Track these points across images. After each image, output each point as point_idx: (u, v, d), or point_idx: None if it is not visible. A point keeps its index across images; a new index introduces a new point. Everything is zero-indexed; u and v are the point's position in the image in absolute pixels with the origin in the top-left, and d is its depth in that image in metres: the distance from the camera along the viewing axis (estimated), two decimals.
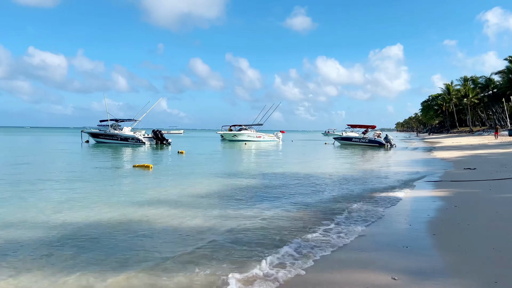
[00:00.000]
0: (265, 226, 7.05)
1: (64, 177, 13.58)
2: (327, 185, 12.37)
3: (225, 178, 14.05)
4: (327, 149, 37.74)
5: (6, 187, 11.28)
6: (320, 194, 10.64)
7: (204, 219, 7.59)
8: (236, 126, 51.99)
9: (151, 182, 12.77)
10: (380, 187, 11.94)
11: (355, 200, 9.70)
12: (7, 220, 7.35)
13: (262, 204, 9.15)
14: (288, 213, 8.23)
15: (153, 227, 6.96)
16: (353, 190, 11.44)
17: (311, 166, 19.20)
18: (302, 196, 10.30)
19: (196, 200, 9.56)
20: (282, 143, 48.79)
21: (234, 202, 9.45)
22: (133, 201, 9.38)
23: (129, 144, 38.93)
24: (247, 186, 12.01)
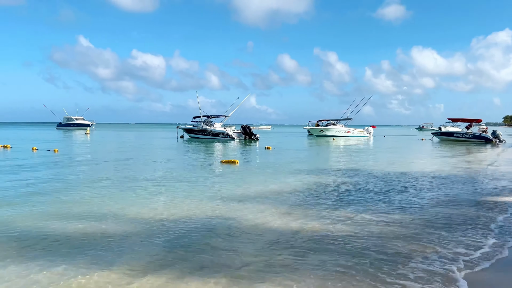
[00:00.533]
0: (379, 233, 6.45)
1: (157, 174, 14.28)
2: (431, 186, 11.21)
3: (312, 175, 13.55)
4: (425, 145, 34.93)
5: (108, 184, 12.17)
6: (423, 196, 9.64)
7: (290, 220, 7.23)
8: (324, 121, 50.80)
9: (237, 179, 12.77)
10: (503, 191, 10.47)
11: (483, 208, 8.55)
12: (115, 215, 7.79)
13: (356, 206, 8.52)
14: (390, 217, 7.50)
15: (236, 227, 6.79)
16: (468, 194, 10.16)
17: (407, 165, 17.77)
18: (402, 198, 9.41)
19: (281, 198, 9.24)
20: (373, 139, 46.46)
21: (324, 202, 8.94)
22: (220, 197, 9.37)
23: (220, 139, 40.29)
24: (336, 185, 11.39)
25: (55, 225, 6.65)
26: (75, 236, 6.06)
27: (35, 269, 4.68)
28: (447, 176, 13.46)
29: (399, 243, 5.79)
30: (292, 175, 13.23)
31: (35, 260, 4.99)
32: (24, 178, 12.03)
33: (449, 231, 6.49)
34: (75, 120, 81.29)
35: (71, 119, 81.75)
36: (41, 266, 4.78)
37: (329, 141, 39.95)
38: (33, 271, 4.63)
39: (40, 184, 10.96)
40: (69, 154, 21.89)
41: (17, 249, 5.40)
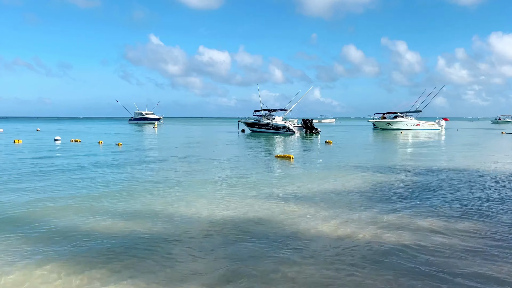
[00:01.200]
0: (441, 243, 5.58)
1: (209, 171, 14.13)
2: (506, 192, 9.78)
3: (371, 174, 12.51)
4: (506, 139, 31.57)
5: (164, 178, 12.21)
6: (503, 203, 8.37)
7: (340, 224, 6.52)
8: (390, 114, 48.13)
9: (288, 176, 12.13)
10: None
11: None
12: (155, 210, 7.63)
13: (420, 209, 7.55)
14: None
15: (276, 228, 6.24)
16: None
17: (484, 163, 15.93)
18: (476, 203, 8.24)
19: (332, 199, 8.49)
20: (445, 132, 43.10)
21: (384, 204, 8.05)
22: (266, 195, 8.86)
23: (280, 133, 39.85)
24: (398, 186, 10.33)
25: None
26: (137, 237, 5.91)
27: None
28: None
29: (472, 261, 4.88)
30: (350, 173, 12.31)
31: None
32: (85, 174, 12.49)
33: None
34: (145, 114, 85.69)
35: (141, 113, 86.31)
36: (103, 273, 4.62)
37: (396, 135, 37.72)
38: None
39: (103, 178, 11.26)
40: (132, 148, 22.73)
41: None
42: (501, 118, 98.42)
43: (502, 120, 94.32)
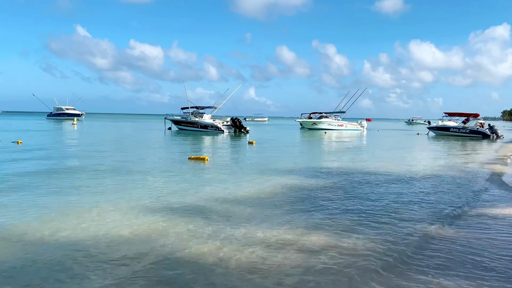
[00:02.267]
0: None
1: (109, 171, 12.80)
2: (418, 193, 9.78)
3: (286, 176, 12.07)
4: (420, 140, 33.52)
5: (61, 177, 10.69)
6: (405, 209, 8.20)
7: (219, 241, 5.78)
8: (316, 114, 49.28)
9: (195, 180, 11.28)
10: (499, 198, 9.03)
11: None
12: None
13: (337, 219, 7.07)
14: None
15: (130, 249, 5.34)
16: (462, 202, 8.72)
17: (401, 163, 16.34)
18: (388, 212, 7.98)
19: (227, 209, 7.71)
20: (367, 133, 45.02)
21: (298, 214, 7.47)
22: (152, 206, 7.89)
23: (209, 131, 38.82)
24: (318, 189, 9.93)
25: None
26: None
27: None
28: (443, 179, 12.05)
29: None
30: (267, 175, 11.72)
31: None
32: None
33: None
34: (65, 110, 79.62)
35: (61, 109, 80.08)
36: None
37: (321, 135, 38.52)
38: None
39: None
40: (33, 147, 20.33)
41: None
42: (414, 119, 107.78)
43: (414, 122, 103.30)
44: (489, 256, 5.08)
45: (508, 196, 9.11)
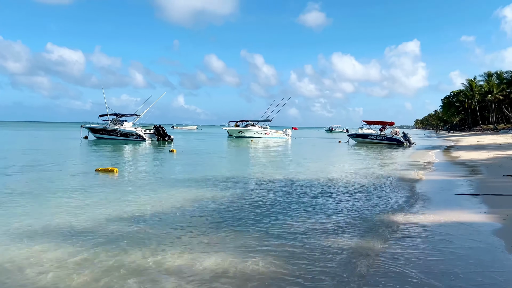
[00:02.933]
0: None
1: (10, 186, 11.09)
2: (324, 203, 9.54)
3: (206, 187, 11.34)
4: (341, 147, 34.72)
5: None
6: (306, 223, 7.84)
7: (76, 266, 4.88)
8: (243, 122, 49.23)
9: (96, 195, 10.10)
10: (399, 206, 9.05)
11: (358, 233, 6.84)
12: None
13: (248, 233, 6.41)
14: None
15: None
16: (357, 213, 8.56)
17: (318, 170, 16.37)
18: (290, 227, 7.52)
19: (132, 229, 6.83)
20: (292, 141, 45.87)
21: (202, 231, 6.71)
22: (39, 228, 6.72)
23: (130, 140, 36.73)
24: (234, 201, 9.27)
25: None
26: None
27: None
28: (351, 185, 12.08)
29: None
30: (173, 189, 10.84)
31: None
32: None
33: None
34: None
35: None
36: None
37: (247, 143, 38.34)
38: None
39: None
40: None
41: None
42: (333, 128, 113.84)
43: (334, 130, 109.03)
44: (417, 268, 4.78)
45: (420, 204, 9.24)
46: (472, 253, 5.29)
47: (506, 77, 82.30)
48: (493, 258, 5.08)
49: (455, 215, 7.61)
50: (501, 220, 7.06)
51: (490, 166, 16.38)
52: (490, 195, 9.70)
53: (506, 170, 14.44)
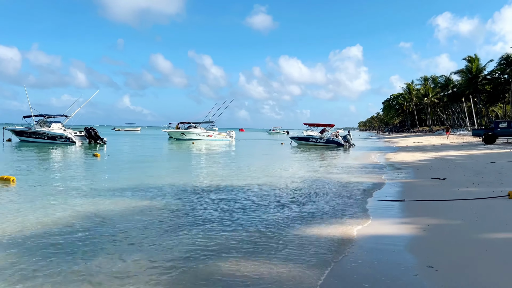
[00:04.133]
0: None
1: None
2: (244, 216, 8.51)
3: (113, 197, 9.90)
4: (283, 150, 34.17)
5: None
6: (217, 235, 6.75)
7: None
8: (185, 124, 47.51)
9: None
10: (321, 216, 8.20)
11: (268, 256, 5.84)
12: None
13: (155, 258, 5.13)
14: None
15: None
16: (278, 226, 7.59)
17: (264, 175, 15.38)
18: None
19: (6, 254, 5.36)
20: (236, 143, 44.88)
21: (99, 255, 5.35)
22: None
23: (58, 143, 33.90)
24: (139, 214, 7.94)
25: None
26: None
27: None
28: (278, 193, 11.18)
29: None
30: (75, 201, 9.33)
31: None
32: None
33: None
34: None
35: None
36: None
37: (188, 145, 36.78)
38: None
39: None
40: None
41: None
42: (274, 129, 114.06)
43: (275, 132, 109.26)
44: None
45: (333, 213, 8.48)
46: (378, 281, 4.44)
47: (440, 81, 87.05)
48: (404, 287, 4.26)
49: (370, 227, 6.86)
50: (420, 232, 6.38)
51: (421, 168, 16.30)
52: (415, 201, 9.18)
53: (435, 172, 14.30)
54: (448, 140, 42.93)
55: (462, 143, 35.55)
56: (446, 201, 8.84)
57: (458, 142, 37.92)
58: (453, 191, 10.13)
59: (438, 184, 11.49)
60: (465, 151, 24.23)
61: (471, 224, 6.64)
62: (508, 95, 62.30)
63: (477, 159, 18.68)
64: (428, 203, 8.86)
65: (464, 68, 69.76)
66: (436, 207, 8.41)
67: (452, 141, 39.54)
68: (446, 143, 37.47)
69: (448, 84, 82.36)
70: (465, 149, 26.02)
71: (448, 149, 27.85)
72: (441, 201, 8.86)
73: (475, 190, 10.04)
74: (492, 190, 9.74)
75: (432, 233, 6.29)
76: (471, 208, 7.82)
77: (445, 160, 19.15)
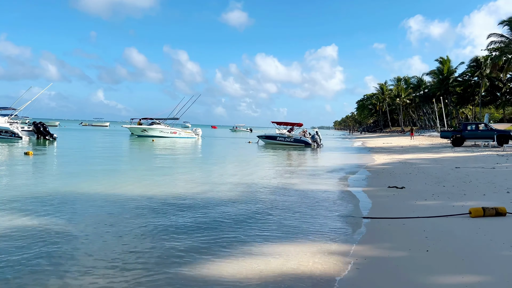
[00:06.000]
0: None
1: None
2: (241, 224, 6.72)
3: (28, 207, 7.91)
4: (249, 149, 32.49)
5: None
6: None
7: None
8: (148, 120, 45.07)
9: None
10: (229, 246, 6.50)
11: None
12: None
13: None
14: None
15: None
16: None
17: (228, 178, 13.58)
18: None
19: None
20: (202, 141, 42.88)
21: None
22: None
23: (1, 138, 31.06)
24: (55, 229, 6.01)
25: None
26: None
27: None
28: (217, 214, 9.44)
29: None
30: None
31: None
32: None
33: None
34: None
35: None
36: None
37: (148, 143, 34.58)
38: None
39: None
40: None
41: None
42: (237, 127, 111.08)
43: (238, 129, 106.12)
44: None
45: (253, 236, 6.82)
46: None
47: (412, 82, 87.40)
48: None
49: (288, 260, 5.17)
50: (350, 271, 4.76)
51: (381, 174, 14.89)
52: (361, 218, 7.62)
53: (395, 179, 12.89)
54: (417, 141, 42.35)
55: (431, 145, 34.81)
56: (397, 219, 7.32)
57: (427, 143, 37.21)
58: (409, 204, 8.64)
59: (394, 194, 10.01)
60: (432, 154, 23.16)
61: (418, 259, 5.07)
62: (477, 97, 62.66)
63: (442, 163, 17.48)
64: (377, 221, 7.31)
65: (435, 70, 69.88)
66: (384, 227, 6.86)
67: (421, 143, 38.84)
68: (415, 144, 36.69)
69: (420, 85, 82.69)
70: (432, 152, 25.00)
71: (415, 151, 26.82)
72: (391, 219, 7.33)
73: (434, 203, 8.58)
74: (453, 204, 8.29)
75: (364, 274, 4.67)
76: (424, 231, 6.30)
77: (408, 164, 17.87)
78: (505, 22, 47.24)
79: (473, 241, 5.69)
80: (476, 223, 6.62)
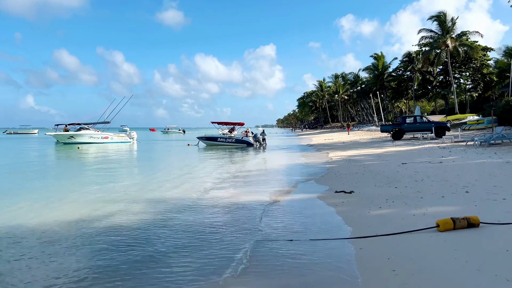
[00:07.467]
0: None
1: None
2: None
3: None
4: (189, 152, 30.21)
5: None
6: None
7: None
8: (75, 125, 41.04)
9: None
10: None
11: None
12: None
13: None
14: None
15: None
16: None
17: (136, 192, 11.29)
18: None
19: None
20: (137, 145, 39.81)
21: None
22: None
23: None
24: None
25: None
26: None
27: None
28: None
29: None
30: None
31: None
32: None
33: None
34: None
35: None
36: None
37: (73, 151, 31.08)
38: None
39: None
40: None
41: None
42: (169, 128, 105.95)
43: (170, 131, 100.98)
44: None
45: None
46: None
47: (349, 78, 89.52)
48: None
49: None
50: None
51: (326, 175, 13.56)
52: (307, 241, 6.01)
53: (341, 180, 11.59)
54: (358, 136, 42.58)
55: (371, 139, 34.83)
56: (348, 239, 5.80)
57: (367, 138, 37.31)
58: (361, 215, 7.21)
59: (343, 202, 8.57)
60: (374, 149, 22.55)
61: None
62: (411, 91, 65.08)
63: (387, 159, 16.64)
64: (322, 244, 5.73)
65: (371, 65, 71.80)
66: (332, 253, 5.30)
67: (362, 137, 38.95)
68: (355, 139, 36.60)
69: (357, 81, 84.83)
70: (374, 147, 24.50)
71: (357, 146, 26.25)
72: (339, 240, 5.80)
73: (390, 212, 7.23)
74: (412, 213, 6.98)
75: None
76: (388, 260, 4.80)
77: (353, 161, 16.83)
78: (434, 18, 49.06)
79: (450, 271, 4.27)
80: (448, 240, 5.26)
